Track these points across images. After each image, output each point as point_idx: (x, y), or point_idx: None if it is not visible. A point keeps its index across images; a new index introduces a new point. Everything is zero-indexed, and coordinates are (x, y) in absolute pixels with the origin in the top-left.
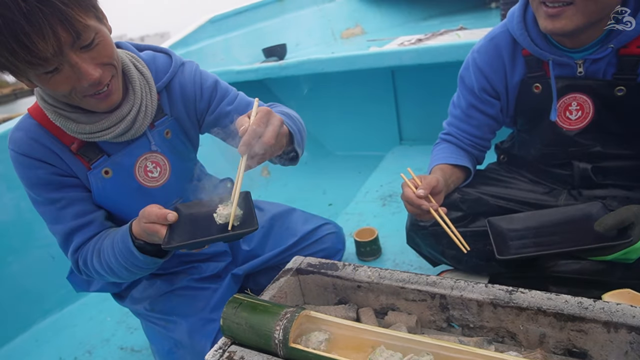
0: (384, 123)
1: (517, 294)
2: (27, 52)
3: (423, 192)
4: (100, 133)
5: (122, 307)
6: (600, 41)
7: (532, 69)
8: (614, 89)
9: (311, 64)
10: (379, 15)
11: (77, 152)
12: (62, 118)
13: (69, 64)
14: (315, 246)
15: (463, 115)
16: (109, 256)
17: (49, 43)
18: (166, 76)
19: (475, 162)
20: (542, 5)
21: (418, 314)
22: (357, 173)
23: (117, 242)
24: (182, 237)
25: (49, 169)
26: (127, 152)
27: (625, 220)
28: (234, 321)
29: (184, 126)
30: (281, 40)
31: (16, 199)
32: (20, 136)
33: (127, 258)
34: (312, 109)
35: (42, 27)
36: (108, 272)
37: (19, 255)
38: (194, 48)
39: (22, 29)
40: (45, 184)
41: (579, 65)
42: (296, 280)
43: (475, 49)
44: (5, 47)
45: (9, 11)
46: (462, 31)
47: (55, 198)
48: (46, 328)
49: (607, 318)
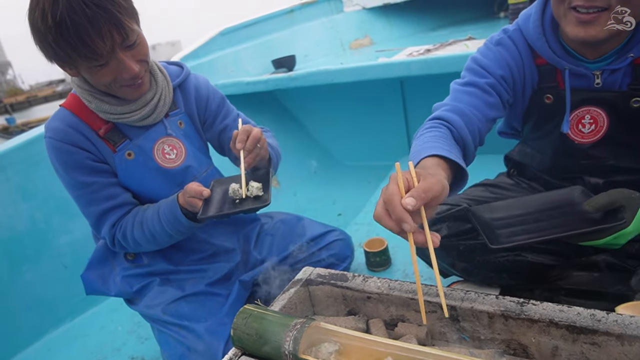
0: (393, 133)
1: (529, 306)
2: (87, 49)
3: (412, 203)
4: (128, 114)
5: (133, 316)
6: (619, 50)
7: (545, 79)
8: (629, 100)
9: (320, 75)
10: (387, 26)
11: (104, 137)
12: (97, 100)
13: (116, 59)
14: (324, 252)
15: (479, 91)
16: (153, 224)
17: (106, 42)
18: (180, 77)
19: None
20: (572, 11)
21: (428, 325)
22: (367, 183)
23: (163, 211)
24: (212, 211)
25: (83, 154)
26: (146, 136)
27: (616, 201)
28: (244, 332)
29: (195, 122)
30: (290, 51)
31: (31, 209)
32: (57, 125)
33: (172, 224)
34: (322, 120)
35: (102, 30)
36: (149, 238)
37: (32, 264)
38: (205, 60)
39: (85, 30)
40: (80, 167)
41: (597, 76)
42: (306, 291)
43: (495, 39)
44: (69, 43)
45: (77, 15)
46: (470, 41)
47: (89, 182)
48: (58, 337)
49: (620, 331)
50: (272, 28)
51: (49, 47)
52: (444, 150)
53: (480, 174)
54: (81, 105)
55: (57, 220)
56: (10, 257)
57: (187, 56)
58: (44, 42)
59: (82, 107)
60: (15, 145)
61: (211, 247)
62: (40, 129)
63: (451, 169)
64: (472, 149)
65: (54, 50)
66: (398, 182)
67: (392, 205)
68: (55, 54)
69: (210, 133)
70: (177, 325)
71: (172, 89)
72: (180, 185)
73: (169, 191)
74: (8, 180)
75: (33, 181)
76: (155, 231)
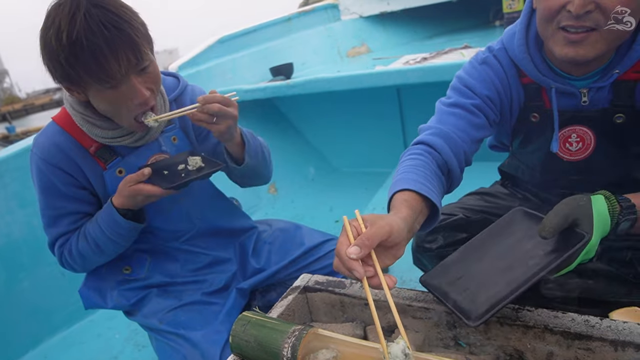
0: (390, 140)
1: (524, 312)
2: (101, 70)
3: (356, 251)
4: (121, 138)
5: (130, 324)
6: (605, 68)
7: (531, 98)
8: (612, 116)
9: (318, 83)
10: (384, 34)
11: (94, 154)
12: (88, 124)
13: (127, 84)
14: (322, 262)
15: (465, 112)
16: (94, 232)
17: (121, 65)
18: (176, 91)
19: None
20: (561, 31)
21: (425, 332)
22: (364, 190)
23: (101, 217)
24: (166, 184)
25: (62, 178)
26: (138, 154)
27: (568, 216)
28: (242, 339)
29: (190, 137)
30: (288, 59)
31: (28, 216)
32: (43, 141)
33: (112, 228)
34: (319, 127)
35: (118, 52)
36: (94, 248)
37: (29, 272)
38: (203, 67)
39: (101, 51)
40: (54, 190)
41: (584, 94)
42: (304, 297)
43: (480, 58)
44: (82, 63)
45: (94, 36)
46: (466, 49)
47: (57, 206)
48: (55, 345)
49: (614, 336)
50: (270, 36)
51: (59, 67)
52: (418, 183)
53: (476, 182)
54: (72, 121)
55: None
56: (7, 264)
57: (185, 64)
58: (54, 61)
59: (74, 123)
60: (13, 152)
61: (207, 258)
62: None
63: (424, 201)
64: (458, 172)
65: (64, 70)
66: (347, 233)
67: (339, 256)
68: (66, 73)
69: (206, 145)
70: (173, 334)
71: (168, 107)
72: (170, 201)
73: (160, 209)
74: (5, 187)
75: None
76: (98, 238)
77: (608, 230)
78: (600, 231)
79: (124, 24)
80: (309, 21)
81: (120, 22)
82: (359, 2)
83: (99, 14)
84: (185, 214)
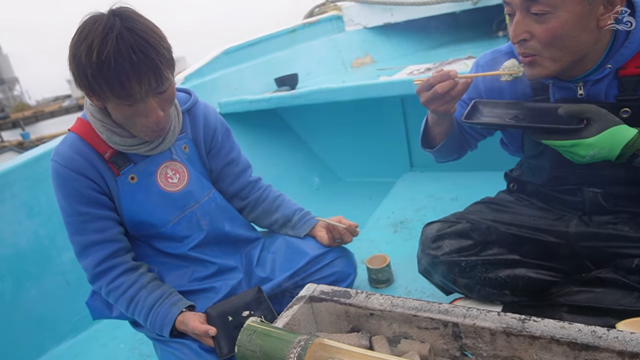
0: (395, 149)
1: (530, 323)
2: (123, 90)
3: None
4: (138, 146)
5: (136, 334)
6: (600, 65)
7: (537, 93)
8: (618, 111)
9: (322, 93)
10: (388, 45)
11: (109, 160)
12: (108, 132)
13: (145, 103)
14: (326, 270)
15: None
16: (140, 311)
17: (143, 87)
18: (187, 104)
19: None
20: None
21: (431, 342)
22: (368, 199)
23: (156, 314)
24: (228, 343)
25: (85, 183)
26: (150, 160)
27: (587, 111)
28: (248, 348)
29: (200, 149)
30: (293, 70)
31: (35, 226)
32: (65, 150)
33: (154, 328)
34: (324, 137)
35: (142, 76)
36: (129, 314)
37: (35, 282)
38: (208, 78)
39: (126, 73)
40: (78, 195)
41: (579, 87)
42: (309, 307)
43: (481, 62)
44: (107, 81)
45: (122, 58)
46: (470, 60)
47: (82, 211)
48: (60, 355)
49: (621, 347)
50: (275, 47)
51: (84, 79)
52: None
53: (481, 191)
54: (89, 131)
55: (60, 237)
56: (14, 273)
57: (191, 75)
58: (81, 74)
59: (90, 132)
60: (22, 162)
61: (213, 266)
62: (47, 146)
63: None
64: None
65: (88, 82)
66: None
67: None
68: (90, 85)
69: (215, 162)
70: (179, 343)
71: (181, 117)
72: (181, 209)
73: (170, 215)
74: (13, 196)
75: (38, 198)
76: (140, 317)
77: (617, 152)
78: (607, 144)
79: (150, 50)
80: (313, 32)
81: (147, 47)
82: (363, 13)
83: (129, 39)
84: (195, 219)
